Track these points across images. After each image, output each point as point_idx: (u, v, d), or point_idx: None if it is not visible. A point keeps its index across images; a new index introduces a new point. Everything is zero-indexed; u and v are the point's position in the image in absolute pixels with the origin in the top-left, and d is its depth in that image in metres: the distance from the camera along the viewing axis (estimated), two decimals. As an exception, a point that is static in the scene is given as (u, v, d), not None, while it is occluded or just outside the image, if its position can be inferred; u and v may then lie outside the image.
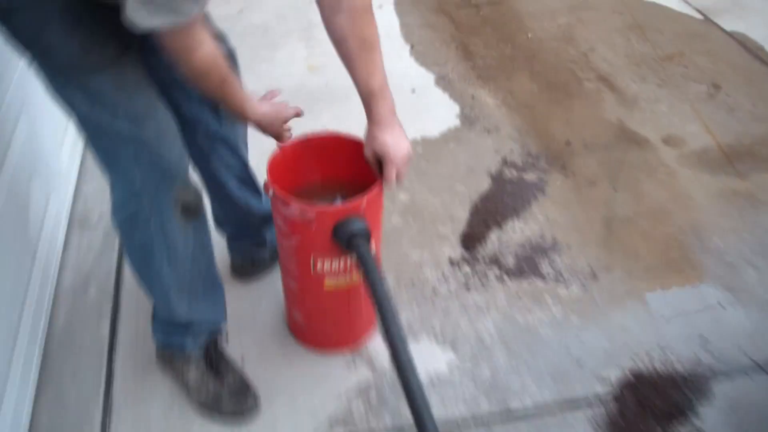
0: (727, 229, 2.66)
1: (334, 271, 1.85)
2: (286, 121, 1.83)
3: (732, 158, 3.01)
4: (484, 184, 2.85)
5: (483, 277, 2.45)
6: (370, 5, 1.60)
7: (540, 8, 4.17)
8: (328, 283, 1.88)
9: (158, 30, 1.30)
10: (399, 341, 1.51)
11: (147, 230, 1.65)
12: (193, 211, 1.70)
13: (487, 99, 3.36)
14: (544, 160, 2.98)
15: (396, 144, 1.69)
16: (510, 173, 2.91)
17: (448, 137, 3.10)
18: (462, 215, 2.70)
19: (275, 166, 1.84)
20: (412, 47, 3.76)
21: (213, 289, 1.96)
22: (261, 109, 1.73)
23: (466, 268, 2.48)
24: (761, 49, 3.73)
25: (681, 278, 2.47)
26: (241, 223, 2.23)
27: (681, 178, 2.91)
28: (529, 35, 3.90)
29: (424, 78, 3.49)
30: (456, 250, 2.55)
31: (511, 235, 2.62)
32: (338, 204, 1.87)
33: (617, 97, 3.38)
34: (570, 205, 2.76)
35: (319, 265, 1.83)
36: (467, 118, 3.23)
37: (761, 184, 2.88)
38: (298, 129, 1.92)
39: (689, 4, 4.19)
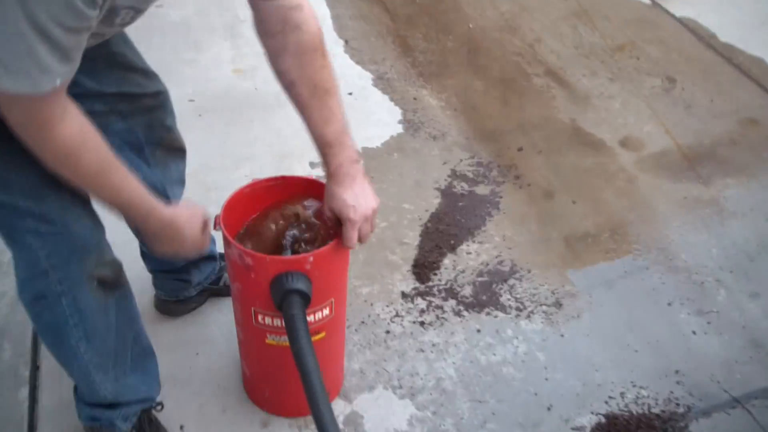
0: (693, 243, 2.53)
1: (276, 327, 1.64)
2: (206, 221, 1.56)
3: (693, 161, 2.87)
4: (434, 201, 2.65)
5: (439, 311, 2.27)
6: (322, 43, 1.42)
7: (479, -7, 3.97)
8: (270, 340, 1.69)
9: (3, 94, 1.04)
10: (325, 419, 1.35)
11: (58, 309, 1.46)
12: (111, 283, 1.51)
13: (431, 100, 3.14)
14: (497, 170, 2.79)
15: (357, 202, 1.50)
16: (461, 187, 2.72)
17: (392, 147, 2.88)
18: (412, 239, 2.50)
19: (238, 201, 1.65)
20: (346, 43, 3.52)
21: (143, 362, 1.74)
22: (168, 208, 1.45)
23: (420, 302, 2.29)
24: (713, 37, 3.61)
25: (650, 302, 2.31)
26: (164, 260, 1.91)
27: (642, 185, 2.76)
28: (471, 25, 3.69)
29: (362, 78, 3.26)
30: (408, 282, 2.35)
31: (467, 261, 2.42)
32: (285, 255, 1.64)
33: (568, 94, 3.20)
34: (527, 222, 2.58)
35: (259, 317, 1.64)
36: (411, 124, 3.01)
37: (725, 190, 2.75)
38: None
39: (635, -13, 4.03)
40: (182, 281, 2.09)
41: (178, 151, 1.84)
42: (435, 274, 2.38)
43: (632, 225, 2.59)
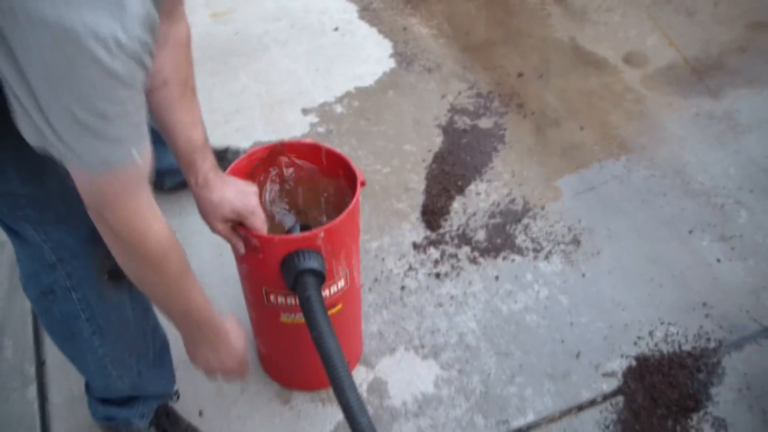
0: (709, 164, 2.45)
1: (290, 306, 1.59)
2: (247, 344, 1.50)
3: (701, 74, 2.76)
4: (436, 140, 2.54)
5: (454, 260, 2.19)
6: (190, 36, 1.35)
7: None
8: (285, 318, 1.64)
9: (92, 169, 0.99)
10: (353, 407, 1.32)
11: (68, 303, 1.38)
12: (123, 275, 1.32)
13: (421, 29, 3.00)
14: (498, 100, 2.68)
15: (241, 194, 1.44)
16: (462, 122, 2.61)
17: (386, 84, 2.75)
18: (417, 183, 2.41)
19: (238, 173, 1.57)
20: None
21: (163, 354, 1.67)
22: (221, 316, 1.41)
23: (434, 252, 2.21)
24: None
25: (670, 232, 2.24)
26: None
27: (651, 104, 2.65)
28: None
29: (346, 11, 3.10)
30: (419, 231, 2.26)
31: (477, 202, 2.34)
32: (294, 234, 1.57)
33: (564, 11, 3.07)
34: (535, 154, 2.49)
35: (271, 298, 1.59)
36: (403, 57, 2.88)
37: (737, 102, 2.66)
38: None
39: None
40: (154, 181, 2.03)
41: None
42: (445, 220, 2.30)
43: (645, 149, 2.50)
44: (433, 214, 2.31)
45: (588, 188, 2.37)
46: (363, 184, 1.58)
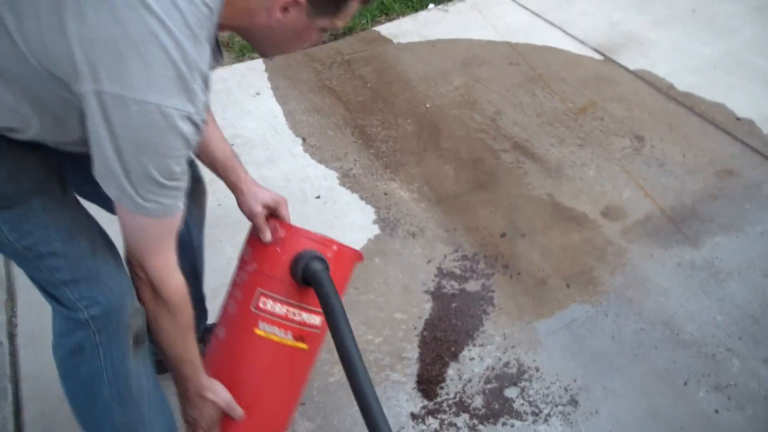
0: (696, 313, 2.54)
1: (273, 314, 1.78)
2: (226, 409, 1.78)
3: (678, 223, 2.89)
4: (426, 306, 2.62)
5: (453, 428, 2.24)
6: None
7: (428, 70, 4.00)
8: (261, 329, 1.78)
9: (151, 215, 1.36)
10: (365, 388, 1.55)
11: (95, 362, 1.56)
12: (143, 337, 1.63)
13: (402, 193, 3.14)
14: (483, 262, 2.78)
15: (274, 193, 1.91)
16: (450, 286, 2.70)
17: (371, 251, 2.85)
18: (411, 351, 2.46)
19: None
20: (304, 140, 3.50)
21: (171, 420, 1.84)
22: (207, 377, 1.73)
23: (432, 422, 2.26)
24: (671, 86, 3.68)
25: (666, 385, 2.30)
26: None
27: (633, 256, 2.76)
28: (427, 105, 3.70)
29: (327, 178, 3.24)
30: (415, 401, 2.31)
31: (472, 368, 2.39)
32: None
33: (540, 168, 3.22)
34: (525, 315, 2.57)
35: (261, 301, 1.77)
36: (386, 222, 2.99)
37: (715, 249, 2.78)
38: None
39: (584, 44, 4.12)
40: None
41: (204, 206, 2.13)
42: (442, 388, 2.35)
43: (633, 302, 2.59)
44: (429, 383, 2.36)
45: (581, 347, 2.44)
46: (360, 258, 1.92)
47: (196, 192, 1.91)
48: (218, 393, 1.72)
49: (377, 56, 4.16)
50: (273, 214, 1.87)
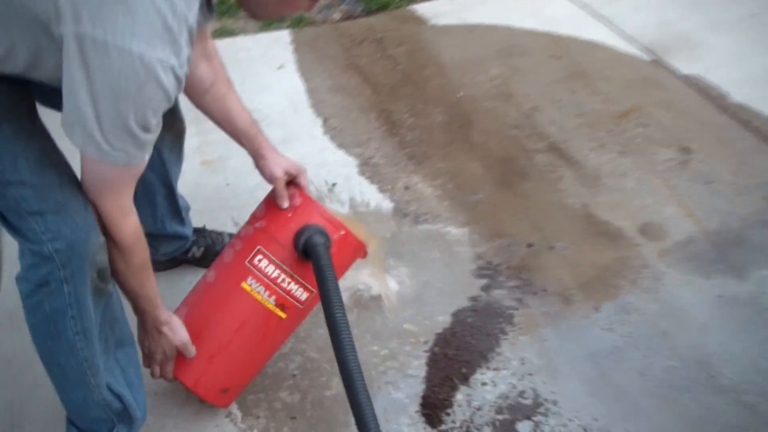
0: (736, 355, 2.29)
1: (264, 274, 1.85)
2: (181, 347, 1.84)
3: (723, 249, 2.64)
4: (439, 319, 2.41)
5: (457, 463, 1.98)
6: None
7: (465, 56, 3.74)
8: (248, 284, 1.85)
9: (116, 163, 1.38)
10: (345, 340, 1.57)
11: (59, 297, 1.54)
12: (106, 275, 1.62)
13: (425, 188, 2.90)
14: (506, 274, 2.54)
15: (295, 162, 1.96)
16: (468, 298, 2.46)
17: (385, 251, 2.60)
18: (417, 369, 2.25)
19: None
20: (325, 121, 3.27)
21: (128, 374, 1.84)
22: (166, 312, 1.79)
23: (435, 454, 2.00)
24: (724, 96, 3.39)
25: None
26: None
27: (670, 283, 2.52)
28: (460, 94, 3.44)
29: (346, 165, 3.01)
30: (418, 427, 2.11)
31: (483, 394, 2.17)
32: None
33: (576, 173, 2.97)
34: (546, 338, 2.34)
35: (257, 259, 1.84)
36: (404, 220, 2.80)
37: (763, 284, 2.51)
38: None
39: (632, 42, 3.82)
40: (152, 247, 2.11)
41: (180, 133, 2.16)
42: (448, 414, 2.13)
43: (666, 336, 2.34)
44: (434, 407, 2.15)
45: (605, 381, 2.21)
46: (364, 254, 2.03)
47: (167, 120, 1.88)
48: (174, 329, 1.79)
49: (411, 37, 3.90)
50: (292, 181, 1.93)
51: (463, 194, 2.90)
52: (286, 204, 1.87)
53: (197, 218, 2.68)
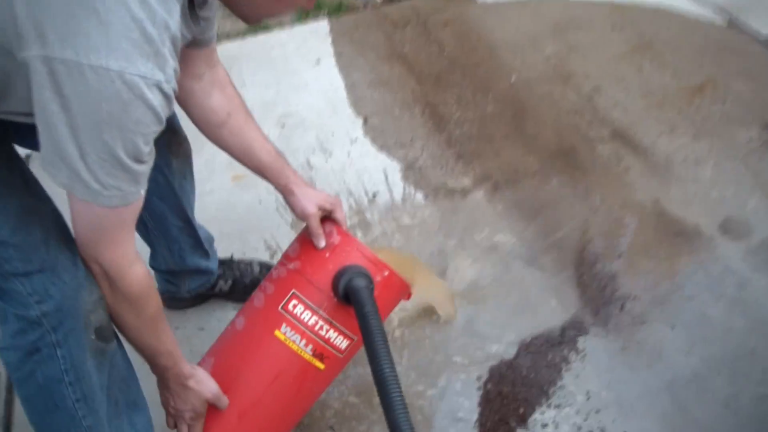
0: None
1: (300, 321, 1.64)
2: (213, 397, 1.62)
3: (819, 247, 2.28)
4: (492, 348, 2.15)
5: None
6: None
7: (517, 35, 3.42)
8: (282, 332, 1.65)
9: (109, 204, 1.20)
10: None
11: (53, 364, 1.39)
12: (108, 332, 1.45)
13: (476, 193, 2.64)
14: (570, 290, 2.24)
15: (326, 194, 1.75)
16: (525, 322, 2.18)
17: (432, 267, 2.35)
18: (468, 411, 2.01)
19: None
20: (365, 121, 3.01)
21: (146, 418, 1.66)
22: (188, 365, 1.59)
23: None
24: (814, 61, 2.98)
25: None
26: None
27: (755, 290, 2.20)
28: (513, 78, 3.14)
29: (388, 170, 2.75)
30: (469, 482, 1.82)
31: (543, 438, 1.89)
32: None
33: (644, 164, 2.65)
34: (615, 366, 2.07)
35: (291, 304, 1.65)
36: (453, 231, 2.53)
37: None
38: None
39: (705, 4, 3.44)
40: (174, 284, 2.17)
41: (188, 156, 1.94)
42: (504, 465, 1.86)
43: (755, 357, 2.03)
44: (488, 458, 1.87)
45: (684, 416, 1.95)
46: (408, 295, 1.80)
47: (172, 143, 1.82)
48: (202, 381, 1.60)
49: (458, 17, 3.60)
50: (327, 216, 1.73)
51: (518, 196, 2.62)
52: (322, 243, 1.68)
53: (227, 242, 2.49)
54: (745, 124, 2.79)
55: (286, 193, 1.75)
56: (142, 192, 1.24)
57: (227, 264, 2.30)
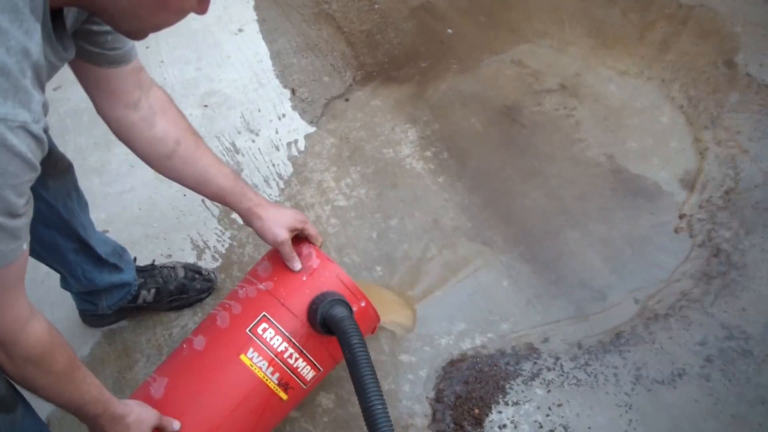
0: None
1: (269, 346, 1.54)
2: (157, 426, 1.46)
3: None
4: (441, 342, 1.95)
5: None
6: None
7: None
8: (248, 356, 1.53)
9: None
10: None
11: None
12: (11, 403, 1.30)
13: (415, 163, 2.43)
14: (523, 270, 2.06)
15: (294, 212, 1.64)
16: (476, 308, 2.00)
17: (374, 258, 2.15)
18: (420, 416, 1.86)
19: None
20: (293, 93, 2.78)
21: None
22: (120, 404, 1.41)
23: None
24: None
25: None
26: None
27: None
28: (450, 31, 2.90)
29: (318, 145, 2.51)
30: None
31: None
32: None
33: (593, 113, 2.42)
34: (578, 352, 1.86)
35: (261, 327, 1.54)
36: (394, 211, 2.28)
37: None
38: None
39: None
40: (92, 303, 2.02)
41: (67, 172, 1.72)
42: (461, 478, 1.69)
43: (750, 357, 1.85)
44: (443, 472, 1.71)
45: (654, 405, 1.75)
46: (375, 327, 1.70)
47: (47, 165, 1.53)
48: (141, 415, 1.43)
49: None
50: (299, 235, 1.64)
51: (461, 164, 2.42)
52: (298, 266, 1.59)
53: (150, 245, 2.31)
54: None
55: (251, 217, 1.61)
56: (25, 246, 1.08)
57: (148, 272, 2.12)
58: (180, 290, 2.12)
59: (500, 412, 1.83)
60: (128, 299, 2.07)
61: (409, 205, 2.33)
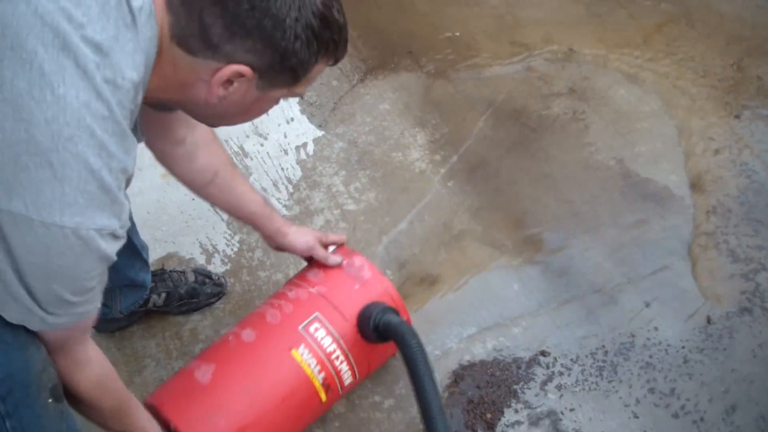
0: None
1: (319, 345, 1.61)
2: None
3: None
4: (452, 345, 1.94)
5: None
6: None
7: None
8: (299, 352, 1.60)
9: (65, 327, 1.15)
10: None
11: None
12: (60, 394, 1.30)
13: (424, 167, 2.41)
14: (532, 275, 2.06)
15: (313, 232, 1.79)
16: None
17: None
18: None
19: None
20: (301, 96, 2.75)
21: None
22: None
23: None
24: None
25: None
26: None
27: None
28: (457, 33, 2.91)
29: (327, 148, 2.52)
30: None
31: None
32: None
33: (603, 116, 2.43)
34: (584, 358, 1.86)
35: (313, 326, 1.63)
36: (392, 207, 2.30)
37: None
38: None
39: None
40: (105, 305, 1.85)
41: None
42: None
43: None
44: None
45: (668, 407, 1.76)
46: None
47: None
48: None
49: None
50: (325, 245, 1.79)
51: (469, 164, 2.43)
52: (339, 259, 1.74)
53: (160, 248, 2.33)
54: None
55: (278, 236, 1.76)
56: (97, 305, 1.19)
57: (158, 276, 2.13)
58: (190, 294, 2.13)
59: (513, 416, 1.83)
60: (140, 303, 2.08)
61: (419, 209, 2.33)
